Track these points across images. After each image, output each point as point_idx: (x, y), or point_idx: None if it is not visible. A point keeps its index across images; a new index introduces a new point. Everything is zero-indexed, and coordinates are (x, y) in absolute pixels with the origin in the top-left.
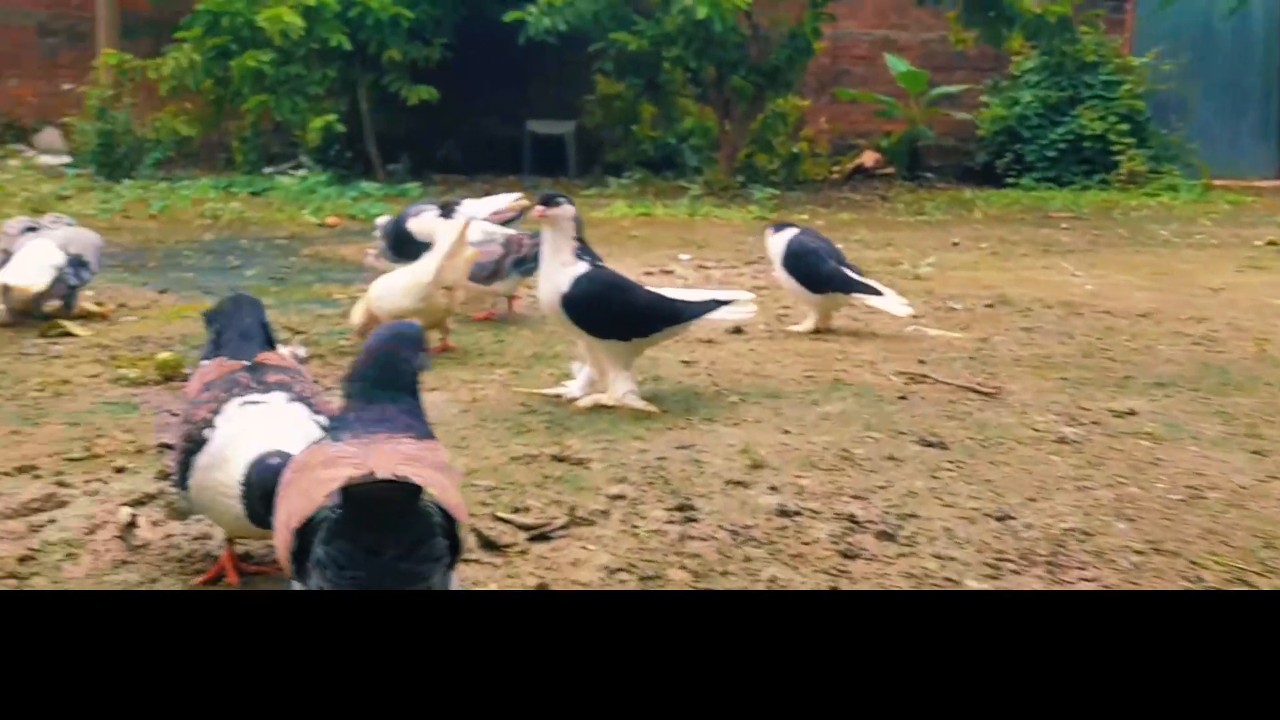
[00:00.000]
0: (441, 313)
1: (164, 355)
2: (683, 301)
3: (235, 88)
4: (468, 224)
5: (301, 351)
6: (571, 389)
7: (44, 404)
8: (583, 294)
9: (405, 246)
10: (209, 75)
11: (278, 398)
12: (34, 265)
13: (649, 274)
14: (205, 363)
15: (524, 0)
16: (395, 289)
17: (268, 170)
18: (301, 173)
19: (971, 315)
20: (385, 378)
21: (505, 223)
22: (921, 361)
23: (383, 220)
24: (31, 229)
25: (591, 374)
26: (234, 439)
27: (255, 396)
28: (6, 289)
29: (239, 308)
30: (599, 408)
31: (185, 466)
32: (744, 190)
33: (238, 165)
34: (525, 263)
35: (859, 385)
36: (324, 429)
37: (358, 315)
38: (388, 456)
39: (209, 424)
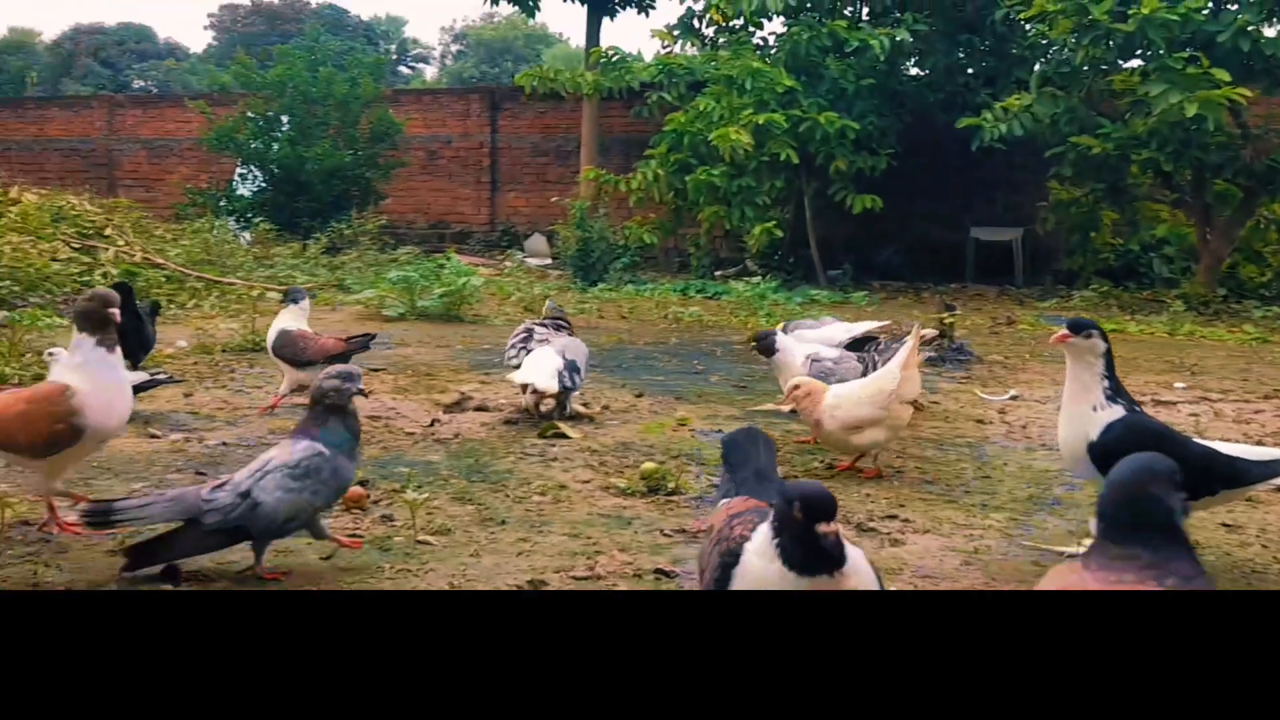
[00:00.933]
0: (899, 427)
1: (648, 465)
2: (1243, 460)
3: (692, 199)
4: (919, 334)
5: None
6: None
7: (546, 510)
8: (1116, 444)
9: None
10: (670, 188)
11: None
12: (545, 369)
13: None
14: (726, 501)
15: (971, 106)
16: (853, 396)
17: (717, 274)
18: (755, 279)
19: None
20: (1135, 520)
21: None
22: None
23: (784, 327)
24: (540, 327)
25: None
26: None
27: None
28: (527, 388)
29: (755, 443)
30: None
31: (725, 581)
32: (1229, 305)
33: (692, 269)
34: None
35: None
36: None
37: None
38: None
39: (745, 538)
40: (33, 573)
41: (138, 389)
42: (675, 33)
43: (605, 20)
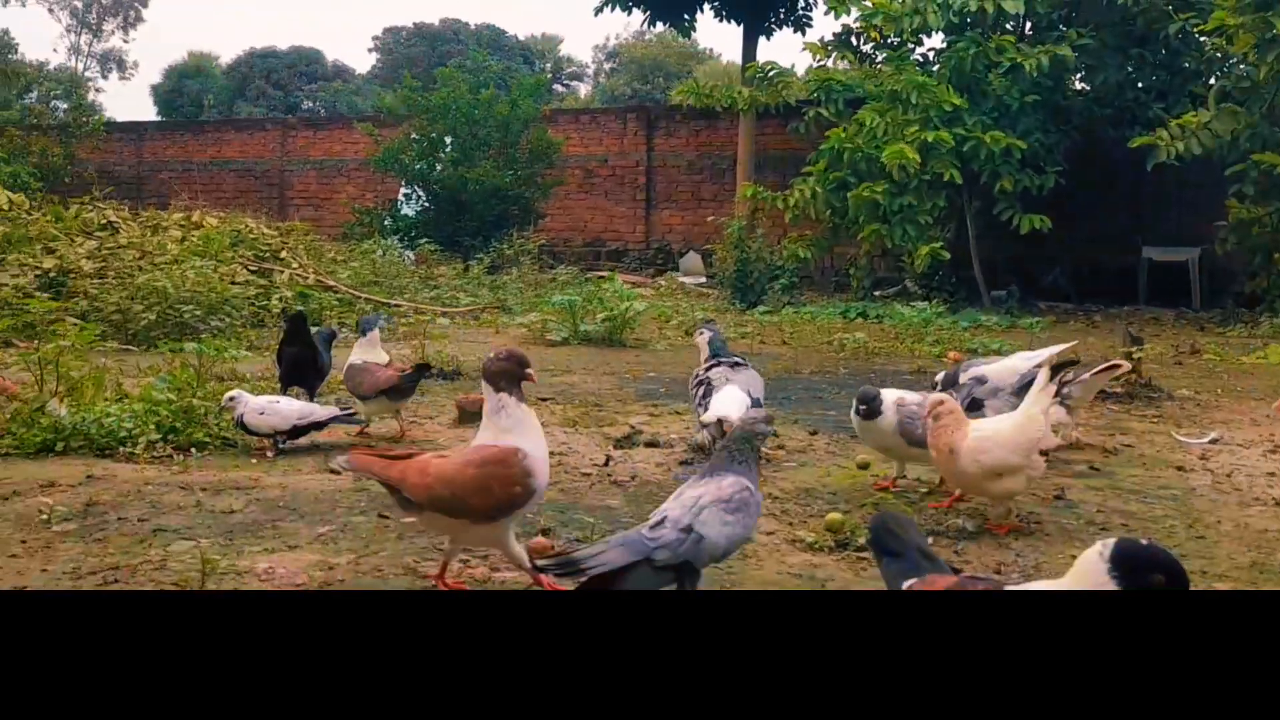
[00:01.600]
0: (1035, 478)
1: (833, 516)
2: None
3: (853, 216)
4: (1056, 377)
5: (969, 525)
6: None
7: (734, 566)
8: None
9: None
10: (828, 206)
11: None
12: (736, 403)
13: None
14: (912, 582)
15: (1142, 121)
16: (1001, 441)
17: (876, 294)
18: (920, 303)
19: None
20: None
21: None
22: None
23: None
24: (717, 369)
25: None
26: None
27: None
28: (716, 424)
29: (904, 526)
30: None
31: None
32: None
33: (852, 290)
34: None
35: None
36: None
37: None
38: None
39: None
40: None
41: (323, 425)
42: (829, 47)
43: (761, 39)
